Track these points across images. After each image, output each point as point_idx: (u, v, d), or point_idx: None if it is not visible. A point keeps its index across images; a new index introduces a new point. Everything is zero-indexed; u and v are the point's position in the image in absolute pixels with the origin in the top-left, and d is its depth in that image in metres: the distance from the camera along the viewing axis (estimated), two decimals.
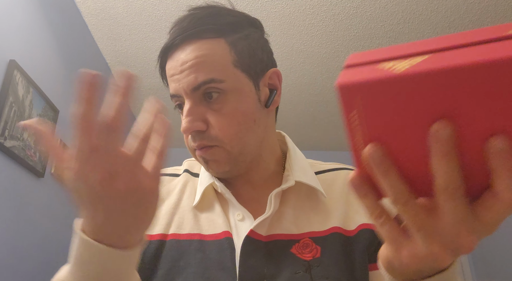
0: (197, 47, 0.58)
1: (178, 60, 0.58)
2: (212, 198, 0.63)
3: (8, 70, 1.44)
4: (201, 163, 0.61)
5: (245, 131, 0.58)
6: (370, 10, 2.05)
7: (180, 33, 0.59)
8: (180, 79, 0.57)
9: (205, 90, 0.56)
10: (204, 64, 0.56)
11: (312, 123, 3.14)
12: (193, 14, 0.62)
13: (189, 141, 0.60)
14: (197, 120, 0.56)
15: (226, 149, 0.57)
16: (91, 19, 2.09)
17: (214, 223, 0.60)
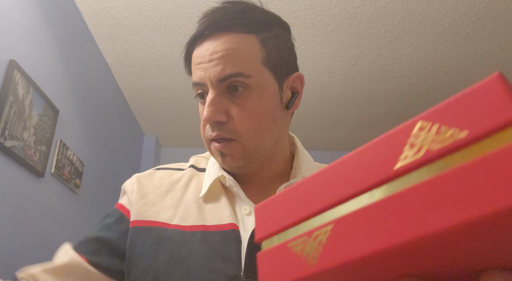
0: (229, 39, 0.58)
1: (208, 49, 0.58)
2: (219, 191, 0.63)
3: (8, 70, 1.44)
4: (215, 156, 0.61)
5: (263, 129, 0.59)
6: (370, 10, 2.04)
7: (212, 23, 0.59)
8: (207, 68, 0.57)
9: (231, 83, 0.57)
10: (234, 57, 0.57)
11: (312, 123, 3.14)
12: (226, 7, 0.61)
13: (206, 130, 0.60)
14: (219, 111, 0.57)
15: (243, 143, 0.58)
16: (91, 19, 2.09)
17: (219, 214, 0.60)
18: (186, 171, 0.69)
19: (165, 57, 2.38)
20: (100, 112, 2.41)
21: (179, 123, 3.22)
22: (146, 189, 0.65)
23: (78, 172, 2.05)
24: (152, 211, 0.61)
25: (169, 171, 0.69)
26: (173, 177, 0.67)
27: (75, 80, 2.04)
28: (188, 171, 0.69)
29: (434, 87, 2.68)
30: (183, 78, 2.57)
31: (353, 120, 3.11)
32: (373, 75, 2.56)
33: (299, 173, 0.63)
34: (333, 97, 2.82)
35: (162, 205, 0.62)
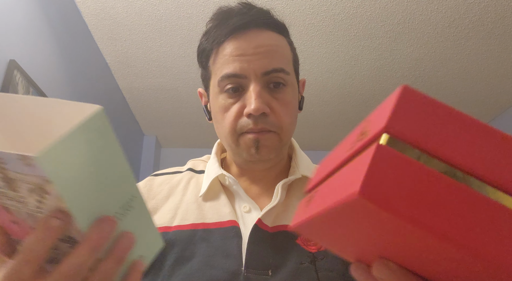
0: (270, 36, 0.60)
1: (250, 42, 0.58)
2: (218, 190, 0.64)
3: (8, 70, 1.44)
4: (246, 148, 0.60)
5: (293, 124, 0.63)
6: (370, 10, 2.04)
7: (253, 19, 0.60)
8: (251, 61, 0.57)
9: (273, 78, 0.58)
10: (277, 54, 0.59)
11: (312, 123, 3.14)
12: (254, 7, 0.63)
13: (242, 122, 0.59)
14: (265, 103, 0.58)
15: (280, 136, 0.60)
16: (91, 19, 2.09)
17: (219, 212, 0.60)
18: (184, 173, 0.70)
19: (165, 57, 2.38)
20: None
21: (179, 124, 3.22)
22: (146, 196, 0.65)
23: None
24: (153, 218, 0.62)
25: (167, 176, 0.69)
26: (172, 181, 0.68)
27: (75, 80, 2.04)
28: (186, 173, 0.69)
29: (434, 87, 2.68)
30: (183, 78, 2.57)
31: (353, 120, 3.11)
32: (373, 75, 2.57)
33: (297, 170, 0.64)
34: (333, 97, 2.82)
35: (163, 210, 0.63)
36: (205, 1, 1.96)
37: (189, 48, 2.29)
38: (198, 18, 2.06)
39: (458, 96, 2.75)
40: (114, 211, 0.33)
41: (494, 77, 2.54)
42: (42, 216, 0.30)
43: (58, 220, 0.29)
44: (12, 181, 0.29)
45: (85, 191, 0.31)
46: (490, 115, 3.00)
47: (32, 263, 0.30)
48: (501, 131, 0.24)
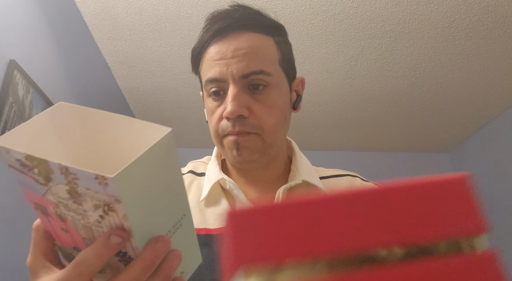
0: (251, 38, 0.60)
1: (230, 46, 0.58)
2: (219, 194, 0.64)
3: (8, 70, 1.44)
4: (228, 150, 0.61)
5: (279, 125, 0.61)
6: (370, 10, 2.04)
7: (234, 22, 0.60)
8: (229, 64, 0.58)
9: (252, 80, 0.58)
10: (257, 56, 0.59)
11: (312, 123, 3.13)
12: (243, 8, 0.63)
13: (223, 126, 0.60)
14: (242, 105, 0.58)
15: (263, 137, 0.59)
16: (91, 19, 2.09)
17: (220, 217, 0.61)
18: (185, 176, 0.69)
19: (165, 57, 2.38)
20: None
21: (179, 124, 3.22)
22: None
23: None
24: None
25: None
26: None
27: (75, 80, 2.04)
28: (187, 176, 0.69)
29: (434, 87, 2.68)
30: (183, 78, 2.57)
31: (353, 120, 3.11)
32: (373, 75, 2.56)
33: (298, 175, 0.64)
34: (332, 97, 2.82)
35: None
36: (205, 1, 1.96)
37: (189, 48, 2.29)
38: (198, 18, 2.06)
39: (458, 96, 2.75)
40: (167, 230, 0.34)
41: (494, 77, 2.54)
42: (101, 231, 0.31)
43: (119, 237, 0.30)
44: (79, 195, 0.30)
45: (147, 210, 0.31)
46: (490, 115, 3.00)
47: (85, 277, 0.30)
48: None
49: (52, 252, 0.35)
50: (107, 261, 0.33)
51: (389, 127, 3.19)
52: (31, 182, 0.31)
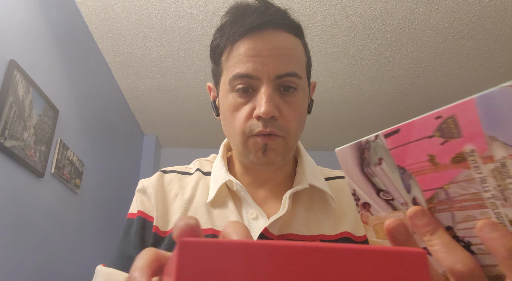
0: (287, 38, 0.59)
1: (267, 44, 0.57)
2: (225, 195, 0.64)
3: (8, 70, 1.44)
4: (254, 151, 0.59)
5: (301, 129, 0.62)
6: (370, 10, 2.04)
7: (271, 19, 0.58)
8: (265, 63, 0.56)
9: (284, 82, 0.58)
10: (292, 58, 0.58)
11: (312, 123, 3.14)
12: (272, 6, 0.61)
13: (251, 125, 0.58)
14: (275, 107, 0.57)
15: (287, 141, 0.59)
16: (91, 19, 2.09)
17: (227, 219, 0.60)
18: (193, 175, 0.69)
19: (165, 57, 2.38)
20: (100, 112, 2.41)
21: (179, 123, 3.22)
22: (160, 193, 0.65)
23: (78, 172, 2.05)
24: (164, 220, 0.62)
25: (177, 175, 0.69)
26: (182, 181, 0.68)
27: (75, 80, 2.04)
28: (195, 174, 0.69)
29: (434, 87, 2.68)
30: (183, 78, 2.57)
31: (353, 120, 3.11)
32: (373, 75, 2.56)
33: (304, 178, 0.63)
34: (333, 97, 2.82)
35: (172, 211, 0.63)
36: (205, 1, 1.96)
37: (189, 48, 2.29)
38: (198, 18, 2.06)
39: (458, 96, 2.75)
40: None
41: (494, 77, 2.54)
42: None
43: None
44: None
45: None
46: None
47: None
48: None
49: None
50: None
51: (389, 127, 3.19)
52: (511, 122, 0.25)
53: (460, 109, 0.26)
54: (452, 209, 0.28)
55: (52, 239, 1.77)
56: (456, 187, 0.28)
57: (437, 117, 0.27)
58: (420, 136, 0.28)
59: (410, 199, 0.30)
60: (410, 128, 0.28)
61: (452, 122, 0.26)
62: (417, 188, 0.29)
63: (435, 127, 0.27)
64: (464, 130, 0.26)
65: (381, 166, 0.31)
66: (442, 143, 0.27)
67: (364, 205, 0.33)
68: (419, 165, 0.29)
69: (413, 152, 0.29)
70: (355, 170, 0.32)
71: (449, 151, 0.27)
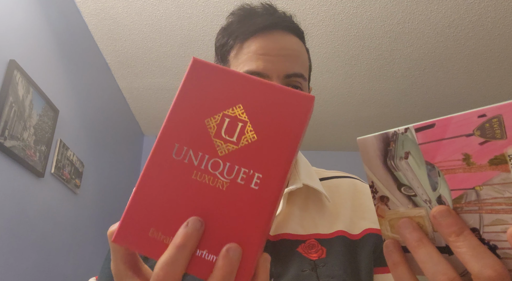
0: (294, 40, 0.62)
1: (276, 43, 0.59)
2: None
3: (8, 70, 1.44)
4: None
5: None
6: (370, 10, 2.04)
7: (280, 21, 0.61)
8: (275, 62, 0.58)
9: (292, 82, 0.59)
10: (299, 59, 0.60)
11: (312, 123, 3.13)
12: (278, 10, 0.64)
13: None
14: None
15: None
16: (91, 19, 2.09)
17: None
18: None
19: (165, 57, 2.38)
20: (100, 112, 2.41)
21: None
22: None
23: (78, 172, 2.05)
24: None
25: None
26: None
27: (75, 80, 2.04)
28: None
29: (434, 87, 2.68)
30: (183, 78, 2.57)
31: (353, 120, 3.11)
32: (373, 75, 2.57)
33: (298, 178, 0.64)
34: (333, 97, 2.82)
35: None
36: (205, 1, 1.96)
37: (189, 48, 2.29)
38: (198, 18, 2.06)
39: (458, 96, 2.75)
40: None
41: (494, 77, 2.54)
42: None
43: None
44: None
45: None
46: None
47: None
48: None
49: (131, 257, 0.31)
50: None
51: (389, 127, 3.19)
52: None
53: (509, 110, 0.25)
54: (481, 211, 0.28)
55: (52, 239, 1.77)
56: (490, 189, 0.27)
57: (480, 116, 0.26)
58: (457, 134, 0.27)
59: (435, 197, 0.29)
60: (446, 124, 0.27)
61: (497, 122, 0.25)
62: (445, 186, 0.29)
63: (476, 126, 0.26)
64: (509, 132, 0.25)
65: (407, 160, 0.30)
66: (482, 143, 0.26)
67: (382, 198, 0.32)
68: (451, 163, 0.28)
69: (446, 149, 0.28)
70: (377, 162, 0.31)
71: (488, 151, 0.26)
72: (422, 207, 0.30)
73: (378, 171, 0.32)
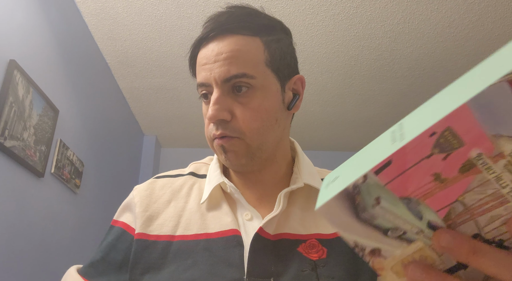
0: (233, 41, 0.59)
1: (213, 51, 0.59)
2: (219, 197, 0.64)
3: (8, 70, 1.44)
4: (218, 154, 0.62)
5: (266, 128, 0.60)
6: (370, 10, 2.05)
7: (218, 26, 0.60)
8: (212, 69, 0.58)
9: (235, 83, 0.58)
10: (238, 59, 0.58)
11: (312, 123, 3.14)
12: (231, 11, 0.63)
13: (210, 129, 0.61)
14: (224, 109, 0.58)
15: (246, 141, 0.59)
16: (91, 19, 2.09)
17: (221, 221, 0.61)
18: (185, 177, 0.70)
19: (165, 57, 2.38)
20: (100, 112, 2.41)
21: (179, 124, 3.22)
22: (148, 200, 0.65)
23: (78, 172, 2.05)
24: (156, 224, 0.62)
25: (169, 179, 0.70)
26: (174, 185, 0.68)
27: (75, 80, 2.04)
28: (187, 177, 0.69)
29: (434, 87, 2.68)
30: (183, 78, 2.57)
31: (353, 120, 3.11)
32: (372, 75, 2.57)
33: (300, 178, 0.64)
34: (332, 97, 2.82)
35: (165, 216, 0.63)
36: (205, 1, 1.97)
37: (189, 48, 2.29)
38: (198, 18, 2.06)
39: None
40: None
41: None
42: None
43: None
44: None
45: None
46: None
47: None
48: None
49: None
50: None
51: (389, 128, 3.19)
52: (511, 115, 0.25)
53: (455, 119, 0.25)
54: (474, 216, 0.28)
55: (52, 239, 1.77)
56: (472, 195, 0.27)
57: (431, 135, 0.26)
58: (417, 160, 0.27)
59: (425, 224, 0.29)
60: (402, 155, 0.27)
61: (450, 134, 0.25)
62: (430, 211, 0.28)
63: (431, 145, 0.26)
64: (465, 138, 0.25)
65: (380, 205, 0.28)
66: (445, 158, 0.26)
67: (373, 252, 0.31)
68: (425, 188, 0.27)
69: (414, 177, 0.27)
70: (350, 221, 0.30)
71: (454, 163, 0.26)
72: (418, 240, 0.30)
73: (355, 229, 0.30)
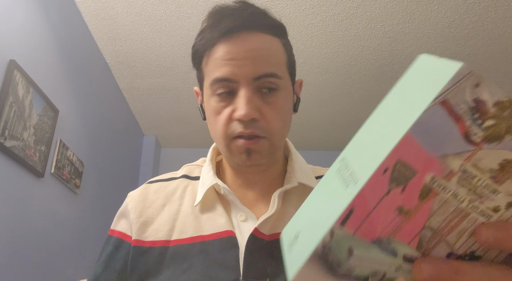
0: (262, 39, 0.58)
1: (242, 46, 0.57)
2: (213, 199, 0.64)
3: (8, 70, 1.44)
4: (237, 154, 0.60)
5: (285, 129, 0.62)
6: (370, 10, 2.05)
7: (244, 21, 0.58)
8: (242, 65, 0.56)
9: (264, 83, 0.57)
10: (269, 58, 0.58)
11: (312, 123, 3.14)
12: (250, 7, 0.61)
13: (232, 127, 0.58)
14: (256, 108, 0.57)
15: (272, 141, 0.59)
16: (91, 19, 2.09)
17: (215, 223, 0.60)
18: (179, 180, 0.69)
19: (165, 57, 2.38)
20: (100, 112, 2.41)
21: (179, 124, 3.22)
22: (142, 205, 0.65)
23: (78, 172, 2.05)
24: (151, 230, 0.62)
25: (162, 183, 0.69)
26: (168, 188, 0.68)
27: (75, 80, 2.04)
28: (181, 180, 0.69)
29: None
30: (183, 78, 2.57)
31: (353, 120, 3.11)
32: (372, 75, 2.57)
33: (294, 177, 0.64)
34: (332, 98, 2.82)
35: (159, 220, 0.63)
36: (205, 1, 1.97)
37: (189, 48, 2.28)
38: (198, 18, 2.06)
39: None
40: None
41: (494, 77, 2.54)
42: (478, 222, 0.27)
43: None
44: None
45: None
46: None
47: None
48: None
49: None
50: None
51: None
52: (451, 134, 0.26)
53: (402, 150, 0.26)
54: (443, 237, 0.28)
55: (52, 239, 1.77)
56: (436, 217, 0.27)
57: (384, 171, 0.26)
58: (377, 200, 0.27)
59: (401, 259, 0.29)
60: (362, 199, 0.27)
61: (401, 166, 0.26)
62: (402, 245, 0.28)
63: (387, 182, 0.26)
64: (416, 166, 0.26)
65: (354, 255, 0.28)
66: (402, 190, 0.27)
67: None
68: (392, 224, 0.28)
69: (379, 217, 0.27)
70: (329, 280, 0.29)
71: (412, 192, 0.27)
72: (399, 277, 0.30)
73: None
